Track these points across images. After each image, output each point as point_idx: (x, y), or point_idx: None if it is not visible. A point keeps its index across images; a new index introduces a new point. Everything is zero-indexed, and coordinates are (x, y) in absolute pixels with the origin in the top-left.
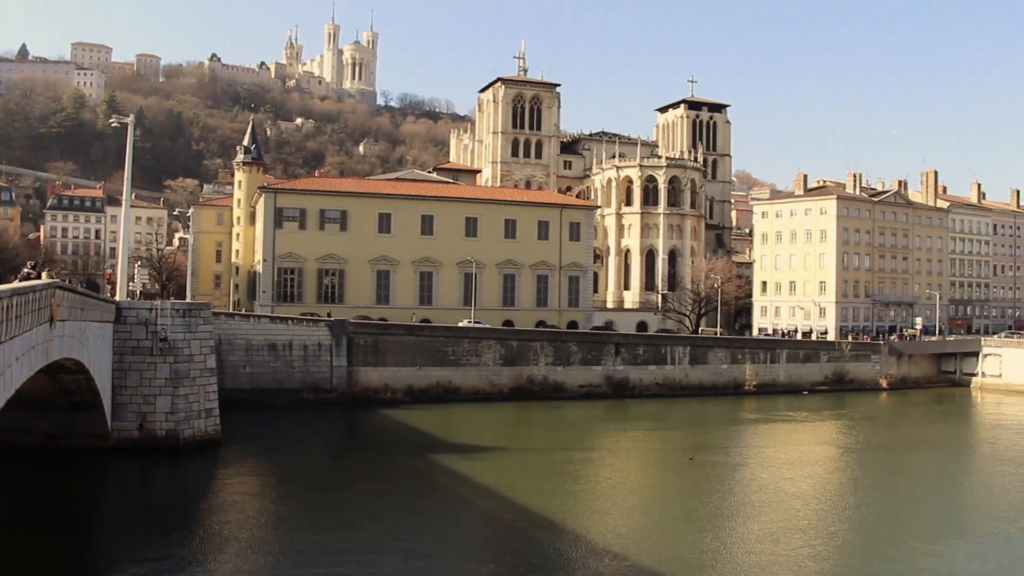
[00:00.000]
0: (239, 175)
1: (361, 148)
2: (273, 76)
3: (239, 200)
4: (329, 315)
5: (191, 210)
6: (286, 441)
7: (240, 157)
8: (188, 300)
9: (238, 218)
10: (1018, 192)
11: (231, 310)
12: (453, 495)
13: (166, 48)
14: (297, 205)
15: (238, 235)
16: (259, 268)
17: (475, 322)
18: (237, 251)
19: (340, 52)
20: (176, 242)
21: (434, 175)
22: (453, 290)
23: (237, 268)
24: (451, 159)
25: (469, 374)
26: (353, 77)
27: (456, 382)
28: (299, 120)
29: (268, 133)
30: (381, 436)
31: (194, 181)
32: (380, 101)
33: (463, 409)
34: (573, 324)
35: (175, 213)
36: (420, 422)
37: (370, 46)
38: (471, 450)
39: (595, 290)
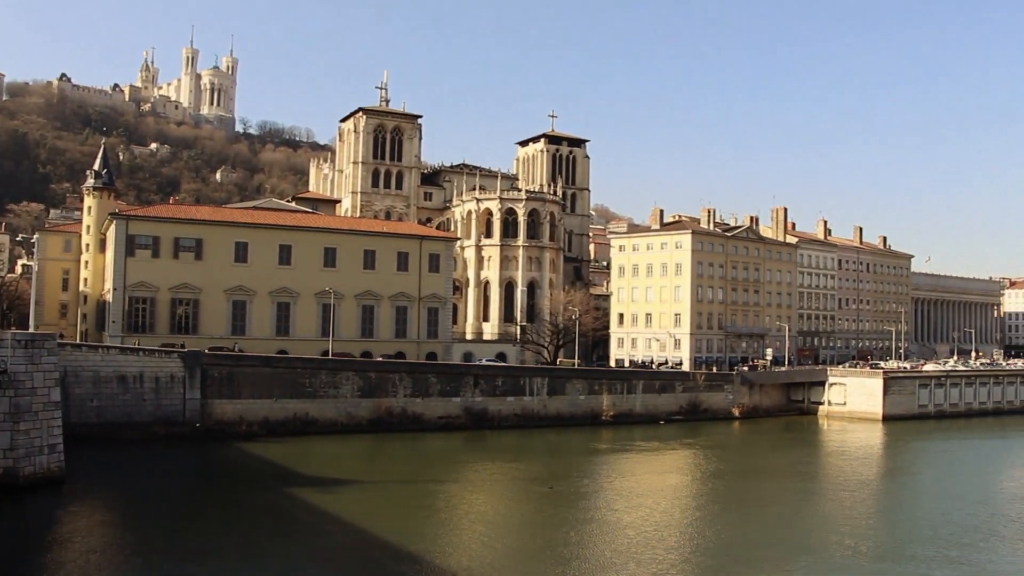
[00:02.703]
0: (89, 200)
1: (218, 175)
2: (127, 99)
3: (88, 226)
4: (182, 346)
5: (36, 236)
6: (135, 477)
7: (90, 182)
8: (31, 330)
9: (87, 245)
10: (860, 229)
11: (78, 341)
12: (309, 529)
13: (10, 65)
14: (150, 233)
15: (87, 263)
16: (109, 297)
17: (489, 360)
18: (86, 279)
19: (198, 77)
20: (19, 269)
21: (293, 204)
22: (311, 321)
23: (85, 297)
24: (311, 188)
25: (327, 406)
26: (211, 103)
27: (313, 414)
28: (154, 145)
29: (121, 158)
30: (236, 470)
31: (40, 206)
32: (239, 128)
33: (321, 442)
34: (432, 355)
35: (18, 239)
36: (276, 455)
37: (229, 72)
38: (328, 484)
39: (454, 321)
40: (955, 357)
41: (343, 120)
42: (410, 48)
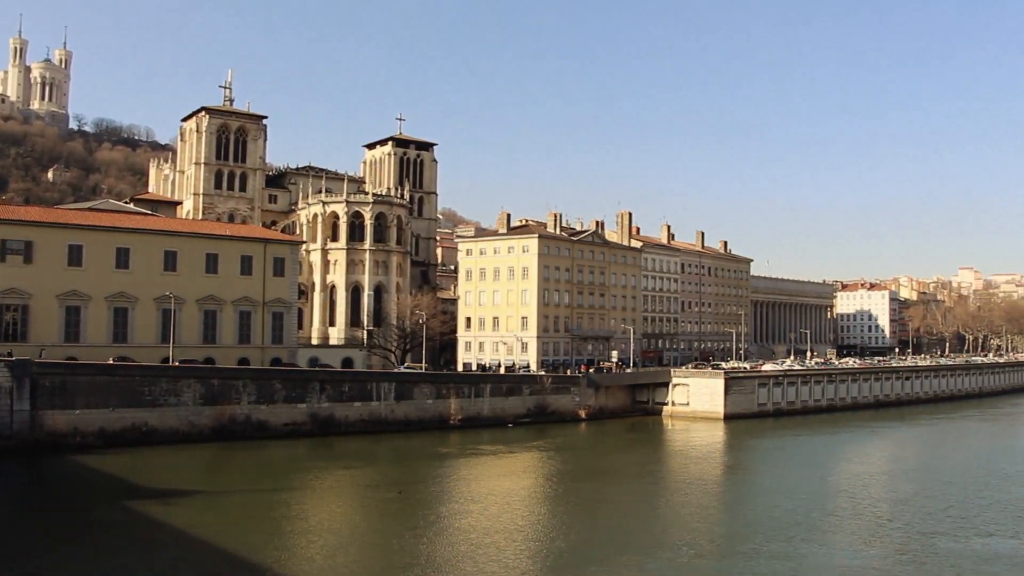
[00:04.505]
0: None
1: (50, 174)
2: None
3: None
4: (10, 354)
5: None
6: None
7: None
8: None
9: None
10: (702, 234)
11: None
12: (145, 544)
13: None
14: None
15: None
16: None
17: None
18: None
19: (28, 69)
20: None
21: (131, 206)
22: (150, 327)
23: None
24: (150, 189)
25: (167, 415)
26: (42, 97)
27: (153, 423)
28: None
29: None
30: (69, 485)
31: None
32: (73, 125)
33: (161, 452)
34: (277, 361)
35: None
36: (113, 468)
37: (63, 65)
38: (167, 496)
39: (300, 326)
40: (792, 357)
41: (185, 119)
42: (256, 47)
